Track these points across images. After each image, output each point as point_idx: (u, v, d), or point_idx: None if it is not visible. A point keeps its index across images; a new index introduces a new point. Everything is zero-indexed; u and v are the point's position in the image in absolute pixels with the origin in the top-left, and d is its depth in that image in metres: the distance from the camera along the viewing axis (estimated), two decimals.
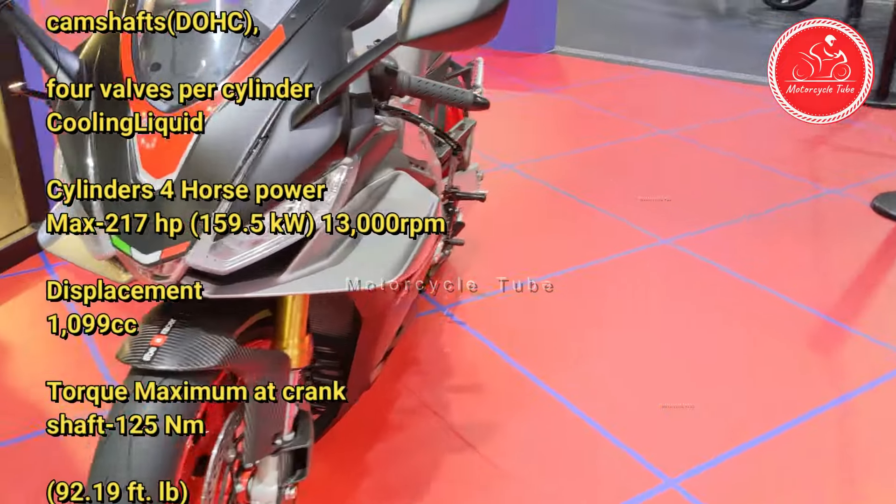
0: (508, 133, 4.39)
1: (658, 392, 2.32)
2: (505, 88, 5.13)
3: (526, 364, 2.42)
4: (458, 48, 1.26)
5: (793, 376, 2.41)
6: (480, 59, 2.59)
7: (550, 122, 4.70)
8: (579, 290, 2.84)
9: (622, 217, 3.36)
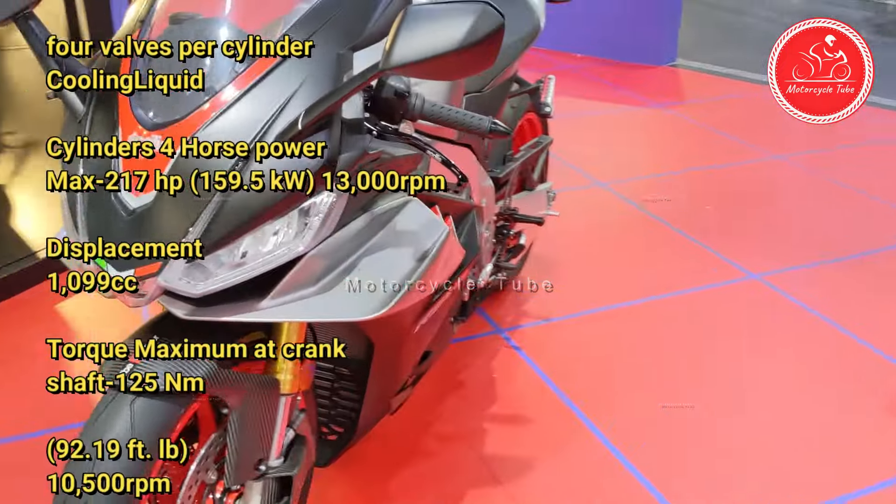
0: (608, 149, 4.24)
1: (717, 448, 2.15)
2: (614, 101, 4.97)
3: (576, 399, 2.30)
4: (446, 78, 1.19)
5: (879, 444, 2.18)
6: (552, 77, 2.48)
7: (656, 140, 4.50)
8: (652, 324, 2.69)
9: (711, 247, 3.17)
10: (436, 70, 1.14)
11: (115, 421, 1.21)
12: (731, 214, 3.48)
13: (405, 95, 1.33)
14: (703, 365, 2.49)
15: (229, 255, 1.20)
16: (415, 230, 1.42)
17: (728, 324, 2.70)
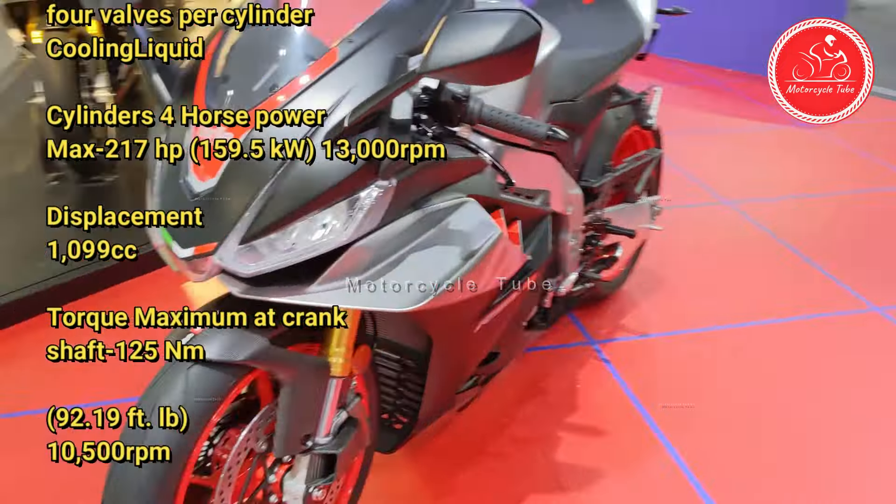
0: (743, 168, 4.10)
1: (795, 485, 2.06)
2: (758, 119, 4.78)
3: (657, 417, 2.27)
4: (483, 82, 1.23)
5: None
6: (658, 88, 2.45)
7: (798, 161, 4.29)
8: (753, 349, 2.60)
9: (833, 275, 3.01)
10: (472, 74, 1.19)
11: (171, 387, 1.33)
12: (863, 243, 3.28)
13: (463, 100, 1.38)
14: (802, 396, 2.38)
15: (280, 240, 1.30)
16: (466, 230, 1.46)
17: (837, 355, 2.56)
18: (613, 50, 2.22)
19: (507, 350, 1.98)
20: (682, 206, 3.60)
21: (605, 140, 2.41)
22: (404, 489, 2.02)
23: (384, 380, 1.83)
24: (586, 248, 2.30)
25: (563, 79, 2.03)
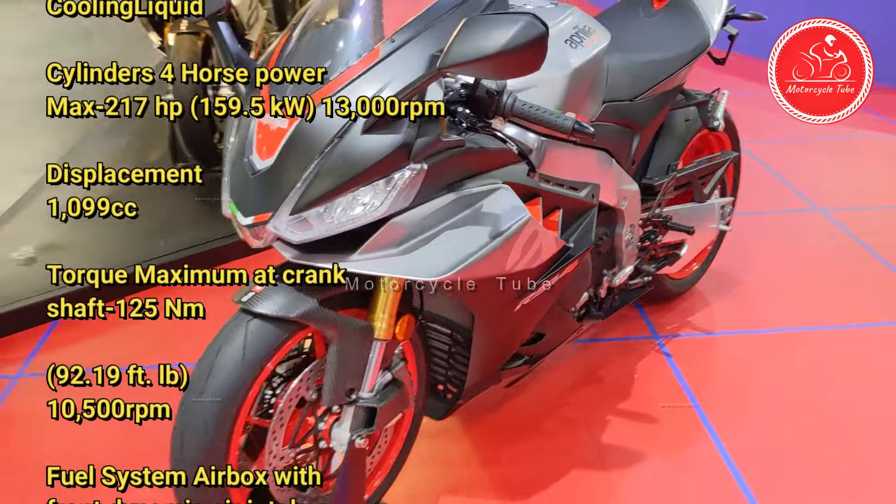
0: (844, 175, 4.02)
1: (838, 491, 2.09)
2: (872, 129, 4.64)
3: (708, 410, 2.34)
4: (499, 77, 1.38)
5: None
6: (725, 92, 2.51)
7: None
8: (819, 353, 2.61)
9: None
10: (486, 70, 1.35)
11: (233, 336, 1.56)
12: None
13: (496, 95, 1.54)
14: (856, 403, 2.39)
15: (326, 213, 1.49)
16: (496, 213, 1.62)
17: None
18: (676, 54, 2.32)
19: (554, 333, 2.11)
20: (772, 211, 3.61)
21: (673, 140, 2.49)
22: (455, 456, 2.19)
23: (436, 352, 2.01)
24: (644, 243, 2.40)
25: (620, 80, 2.15)
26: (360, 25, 1.60)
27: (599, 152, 2.08)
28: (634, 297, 2.49)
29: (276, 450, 1.67)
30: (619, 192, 2.17)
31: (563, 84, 1.82)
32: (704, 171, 2.59)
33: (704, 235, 2.67)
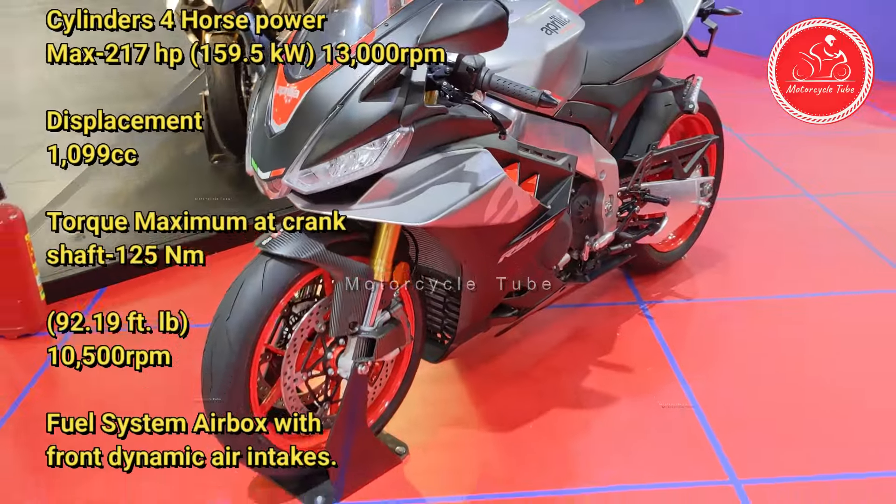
0: (841, 165, 4.24)
1: (798, 438, 2.34)
2: (877, 125, 4.85)
3: (681, 363, 2.60)
4: (468, 52, 1.69)
5: None
6: (700, 78, 2.78)
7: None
8: (791, 319, 2.85)
9: (891, 259, 3.19)
10: (458, 45, 1.66)
11: (254, 272, 1.88)
12: None
13: (475, 70, 1.84)
14: (822, 362, 2.63)
15: (331, 168, 1.80)
16: (476, 171, 1.92)
17: (872, 330, 2.77)
18: (651, 43, 2.60)
19: (538, 286, 2.39)
20: (763, 196, 3.85)
21: (654, 122, 2.76)
22: (451, 396, 2.48)
23: (433, 302, 2.30)
24: (623, 213, 2.67)
25: (599, 65, 2.44)
26: (360, 14, 1.92)
27: (576, 128, 2.36)
28: (617, 264, 2.77)
29: (290, 372, 1.98)
30: (597, 164, 2.45)
31: (538, 65, 2.12)
32: (684, 152, 2.86)
33: (684, 210, 2.93)
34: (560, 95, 2.24)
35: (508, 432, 2.32)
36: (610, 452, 2.24)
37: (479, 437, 2.32)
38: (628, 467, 2.18)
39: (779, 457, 2.19)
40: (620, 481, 2.13)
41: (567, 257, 2.49)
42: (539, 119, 2.19)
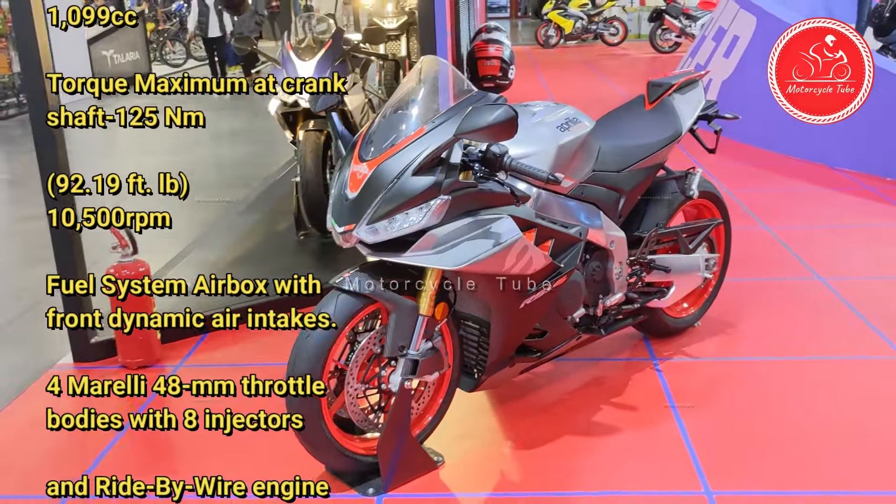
0: (849, 253, 4.67)
1: (782, 475, 2.79)
2: (888, 218, 5.28)
3: (683, 411, 3.07)
4: (491, 140, 2.34)
5: None
6: (700, 169, 3.35)
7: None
8: (784, 379, 3.30)
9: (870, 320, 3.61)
10: (482, 136, 2.29)
11: (328, 305, 2.50)
12: None
13: (500, 156, 2.46)
14: (811, 417, 3.07)
15: (389, 224, 2.43)
16: (499, 232, 2.51)
17: (856, 391, 3.20)
18: (655, 140, 3.19)
19: (554, 332, 2.93)
20: (776, 277, 4.32)
21: (662, 205, 3.33)
22: (483, 422, 3.02)
23: (468, 341, 2.87)
24: (631, 278, 3.21)
25: (610, 157, 3.05)
26: (415, 113, 2.57)
27: (589, 205, 2.95)
28: (630, 322, 3.29)
29: (352, 382, 2.57)
30: (607, 235, 3.02)
31: (552, 154, 2.74)
32: (688, 231, 3.40)
33: (690, 280, 3.45)
34: (572, 178, 2.84)
35: (525, 450, 2.84)
36: (606, 467, 2.74)
37: (502, 453, 2.84)
38: (619, 479, 2.66)
39: (750, 473, 2.64)
40: (608, 487, 2.62)
41: (582, 311, 3.03)
42: (555, 196, 2.80)
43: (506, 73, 5.04)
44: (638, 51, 16.27)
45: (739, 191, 5.79)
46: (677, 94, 3.38)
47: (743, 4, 7.92)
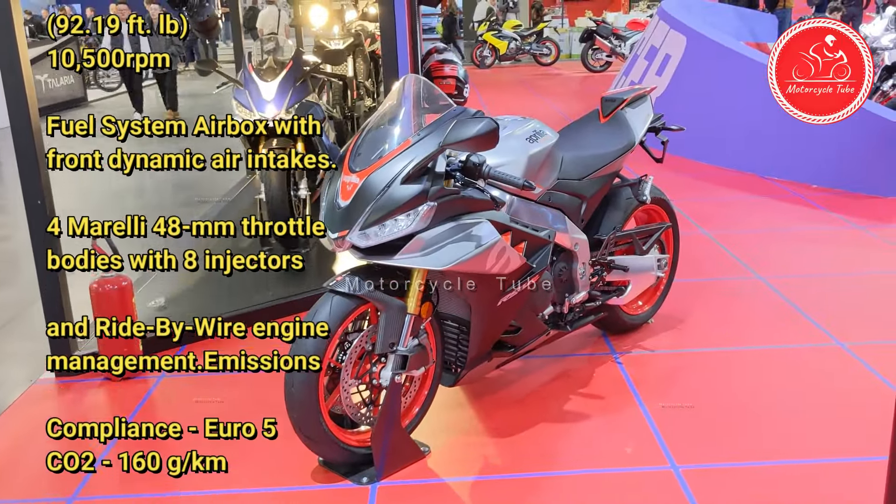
0: (788, 256, 5.05)
1: (742, 451, 3.07)
2: (824, 223, 5.70)
3: (641, 391, 3.34)
4: (474, 151, 2.57)
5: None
6: (651, 176, 3.65)
7: (836, 252, 5.16)
8: (733, 366, 3.60)
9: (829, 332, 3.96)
10: (466, 147, 2.52)
11: (323, 305, 2.68)
12: (850, 298, 4.18)
13: (479, 165, 2.69)
14: (749, 386, 3.37)
15: (380, 230, 2.63)
16: (479, 235, 2.74)
17: (797, 377, 3.52)
18: (611, 150, 3.48)
19: (527, 328, 3.16)
20: (719, 277, 4.66)
21: (617, 210, 3.61)
22: (463, 414, 3.23)
23: (449, 340, 3.08)
24: (593, 278, 3.48)
25: (572, 166, 3.31)
26: (400, 127, 2.79)
27: (555, 210, 3.21)
28: (592, 319, 3.55)
29: (346, 378, 2.75)
30: (572, 238, 3.28)
31: (523, 163, 2.99)
32: (641, 234, 3.69)
33: (644, 279, 3.74)
34: (541, 185, 3.10)
35: (503, 438, 3.06)
36: (579, 449, 2.98)
37: (482, 440, 3.06)
38: (591, 459, 2.91)
39: (711, 449, 2.92)
40: (582, 467, 2.86)
41: (551, 308, 3.28)
42: (526, 202, 3.05)
43: (461, 92, 5.30)
44: (571, 70, 16.78)
45: (679, 200, 6.15)
46: (629, 108, 3.68)
47: (673, 25, 8.38)
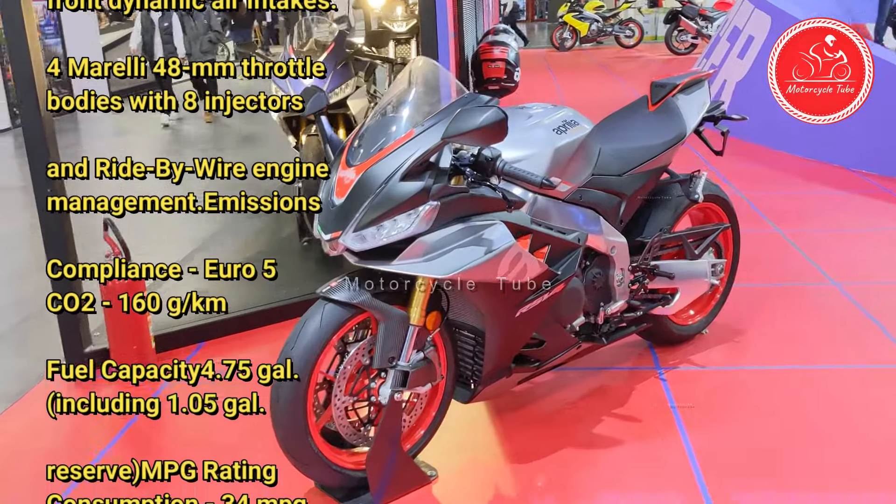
0: (865, 259, 4.54)
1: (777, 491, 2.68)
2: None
3: (685, 419, 2.97)
4: (478, 144, 2.23)
5: None
6: (704, 172, 3.24)
7: None
8: (787, 385, 3.19)
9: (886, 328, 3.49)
10: (471, 140, 2.19)
11: (313, 314, 2.41)
12: None
13: (492, 159, 2.37)
14: (817, 431, 2.96)
15: (376, 232, 2.34)
16: (491, 238, 2.42)
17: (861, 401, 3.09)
18: (658, 142, 3.09)
19: (552, 342, 2.83)
20: (788, 283, 4.20)
21: (666, 209, 3.22)
22: (480, 434, 2.92)
23: (464, 351, 2.77)
24: (633, 285, 3.10)
25: (609, 160, 2.94)
26: (405, 117, 2.49)
27: (588, 210, 2.85)
28: (633, 330, 3.18)
29: (339, 395, 2.48)
30: (608, 241, 2.92)
31: (548, 157, 2.65)
32: (693, 236, 3.29)
33: (696, 287, 3.34)
34: (569, 182, 2.75)
35: (520, 464, 2.74)
36: (605, 482, 2.63)
37: (496, 465, 2.75)
38: (619, 495, 2.56)
39: (755, 490, 2.54)
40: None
41: (582, 319, 2.93)
42: (553, 201, 2.70)
43: (511, 76, 4.96)
44: (653, 53, 16.13)
45: (750, 193, 5.68)
46: (682, 95, 3.28)
47: (758, 4, 7.78)
